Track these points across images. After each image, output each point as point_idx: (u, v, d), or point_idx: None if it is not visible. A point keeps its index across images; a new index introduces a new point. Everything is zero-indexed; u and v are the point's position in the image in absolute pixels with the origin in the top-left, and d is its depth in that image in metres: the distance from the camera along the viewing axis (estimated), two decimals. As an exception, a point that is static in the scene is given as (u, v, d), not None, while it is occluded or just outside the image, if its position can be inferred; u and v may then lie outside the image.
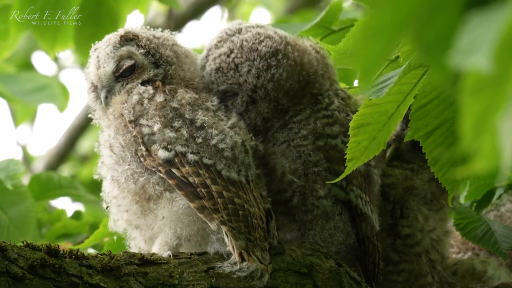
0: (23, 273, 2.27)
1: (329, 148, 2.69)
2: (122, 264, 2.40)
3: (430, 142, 2.50)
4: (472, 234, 2.96)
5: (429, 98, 2.46)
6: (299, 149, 2.68)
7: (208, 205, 2.45)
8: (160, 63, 2.69)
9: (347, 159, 2.47)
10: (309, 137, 2.69)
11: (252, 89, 2.69)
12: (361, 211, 2.72)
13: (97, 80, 2.70)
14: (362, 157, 2.46)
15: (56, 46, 4.09)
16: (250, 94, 2.69)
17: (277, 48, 2.70)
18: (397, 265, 2.90)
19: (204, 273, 2.45)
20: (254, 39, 2.71)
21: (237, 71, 2.69)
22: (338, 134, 2.69)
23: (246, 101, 2.70)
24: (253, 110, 2.70)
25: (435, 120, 2.47)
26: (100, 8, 4.10)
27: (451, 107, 2.45)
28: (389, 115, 2.41)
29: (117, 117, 2.60)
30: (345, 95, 2.80)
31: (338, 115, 2.72)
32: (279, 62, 2.69)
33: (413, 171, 2.96)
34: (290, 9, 7.25)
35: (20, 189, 3.35)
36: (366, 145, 2.44)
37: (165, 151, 2.51)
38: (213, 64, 2.72)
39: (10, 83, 4.67)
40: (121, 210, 2.59)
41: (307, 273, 2.57)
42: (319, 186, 2.68)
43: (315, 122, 2.70)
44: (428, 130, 2.48)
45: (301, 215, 2.69)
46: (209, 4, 6.81)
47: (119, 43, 2.70)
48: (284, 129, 2.71)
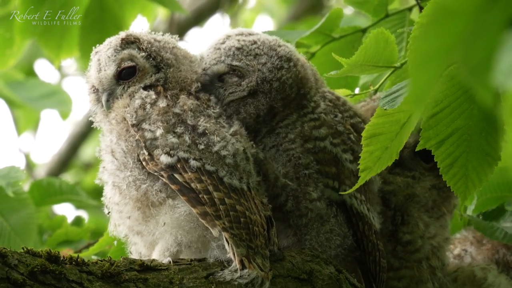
0: (24, 279, 2.27)
1: (318, 150, 2.70)
2: (122, 270, 2.40)
3: (442, 151, 2.49)
4: (494, 235, 3.00)
5: (440, 106, 2.46)
6: (288, 152, 2.69)
7: (210, 212, 2.45)
8: (161, 66, 2.69)
9: (360, 170, 2.47)
10: (297, 140, 2.70)
11: (261, 79, 2.72)
12: (357, 210, 2.72)
13: (98, 83, 2.70)
14: (375, 167, 2.46)
15: (61, 54, 4.11)
16: (257, 82, 2.72)
17: (291, 56, 2.77)
18: (397, 271, 2.90)
19: (204, 279, 2.45)
20: (275, 41, 2.80)
21: (255, 59, 2.74)
22: (326, 136, 2.71)
23: (251, 87, 2.72)
24: (252, 103, 2.72)
25: (447, 129, 2.47)
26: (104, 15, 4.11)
27: (462, 115, 2.45)
28: (401, 124, 2.41)
29: (120, 122, 2.60)
30: (333, 97, 2.82)
31: (325, 117, 2.74)
32: (289, 68, 2.75)
33: (414, 179, 2.96)
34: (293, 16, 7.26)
35: (21, 196, 3.36)
36: (379, 155, 2.44)
37: (168, 156, 2.52)
38: (236, 42, 2.76)
39: (19, 89, 4.70)
40: (123, 217, 2.59)
41: (307, 279, 2.57)
42: (311, 188, 2.68)
43: (302, 125, 2.73)
44: (440, 139, 2.48)
45: (296, 220, 2.69)
46: (212, 11, 6.83)
47: (120, 46, 2.70)
48: (272, 134, 2.73)
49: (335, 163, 2.67)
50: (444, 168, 2.51)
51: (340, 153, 2.71)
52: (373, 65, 2.60)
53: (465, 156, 2.48)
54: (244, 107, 2.73)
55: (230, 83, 2.74)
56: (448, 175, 2.51)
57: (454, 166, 2.49)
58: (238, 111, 2.72)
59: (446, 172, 2.51)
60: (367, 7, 3.32)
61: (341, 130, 2.74)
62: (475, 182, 2.52)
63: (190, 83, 2.71)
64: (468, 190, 2.53)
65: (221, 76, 2.75)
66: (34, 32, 4.05)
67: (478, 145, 2.46)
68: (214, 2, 6.77)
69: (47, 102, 4.72)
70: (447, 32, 1.43)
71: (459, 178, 2.51)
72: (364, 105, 3.01)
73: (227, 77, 2.75)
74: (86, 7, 4.09)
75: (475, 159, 2.47)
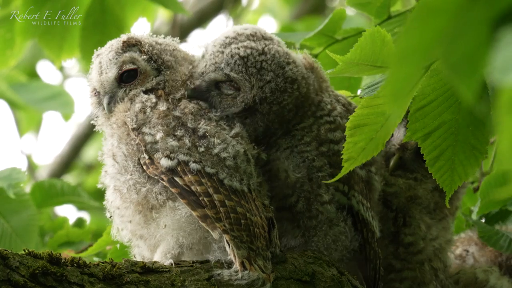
0: (25, 281, 2.27)
1: (332, 153, 2.69)
2: (124, 272, 2.40)
3: (428, 143, 2.50)
4: (498, 245, 2.99)
5: (428, 100, 2.47)
6: (303, 154, 2.68)
7: (210, 214, 2.45)
8: (162, 69, 2.69)
9: (344, 159, 2.47)
10: (312, 143, 2.69)
11: (261, 98, 2.66)
12: (363, 217, 2.72)
13: (100, 86, 2.70)
14: (359, 157, 2.46)
15: (62, 55, 4.11)
16: (255, 101, 2.67)
17: (297, 78, 2.70)
18: (399, 273, 2.89)
19: (206, 281, 2.44)
20: (285, 57, 2.70)
21: (258, 73, 2.66)
22: (340, 139, 2.68)
23: (246, 104, 2.66)
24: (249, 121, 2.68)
25: (434, 122, 2.48)
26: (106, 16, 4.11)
27: (450, 109, 2.46)
28: (386, 116, 2.41)
29: (120, 126, 2.60)
30: (345, 101, 2.81)
31: (340, 121, 2.73)
32: (293, 92, 2.69)
33: (416, 181, 2.96)
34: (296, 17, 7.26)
35: (22, 197, 3.35)
36: (363, 145, 2.44)
37: (168, 159, 2.51)
38: (242, 50, 2.66)
39: (22, 91, 4.71)
40: (124, 221, 2.59)
41: (309, 281, 2.57)
42: (323, 191, 2.68)
43: (318, 129, 2.71)
44: (426, 131, 2.49)
45: (306, 221, 2.69)
46: (214, 13, 6.82)
47: (121, 49, 2.70)
48: (287, 136, 2.71)
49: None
50: (430, 160, 2.52)
51: None
52: (371, 65, 2.59)
53: (451, 149, 2.49)
54: (242, 122, 2.68)
55: (226, 94, 2.67)
56: (434, 168, 2.52)
57: (440, 159, 2.51)
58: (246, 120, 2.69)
59: (432, 165, 2.52)
60: (369, 9, 3.31)
61: None
62: (461, 175, 2.53)
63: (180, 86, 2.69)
64: (454, 182, 2.54)
65: (218, 84, 2.69)
66: (35, 32, 4.05)
67: (465, 138, 2.47)
68: (217, 4, 6.77)
69: (51, 104, 4.74)
70: (429, 29, 1.45)
71: (445, 171, 2.52)
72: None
73: (224, 87, 2.68)
74: (87, 8, 4.09)
75: (462, 153, 2.49)
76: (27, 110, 5.40)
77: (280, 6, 8.13)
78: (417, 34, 1.45)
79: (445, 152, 2.49)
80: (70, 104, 4.77)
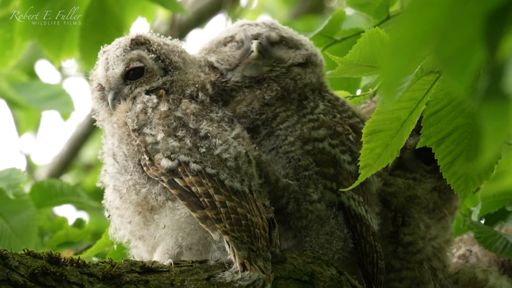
0: (24, 281, 2.27)
1: (317, 151, 2.70)
2: (123, 272, 2.40)
3: (442, 148, 2.50)
4: (493, 246, 2.97)
5: (441, 104, 2.46)
6: (288, 155, 2.69)
7: (210, 215, 2.45)
8: (169, 69, 2.69)
9: (360, 167, 2.47)
10: (296, 143, 2.70)
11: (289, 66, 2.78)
12: (355, 212, 2.72)
13: (105, 81, 2.70)
14: (376, 164, 2.46)
15: (61, 55, 4.11)
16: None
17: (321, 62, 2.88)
18: (398, 273, 2.90)
19: (205, 281, 2.45)
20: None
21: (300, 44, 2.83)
22: (325, 137, 2.70)
23: (306, 57, 2.80)
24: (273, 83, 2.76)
25: (447, 127, 2.47)
26: (105, 16, 4.11)
27: (463, 114, 2.45)
28: (401, 121, 2.41)
29: (121, 126, 2.60)
30: (331, 97, 2.82)
31: (324, 118, 2.74)
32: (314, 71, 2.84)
33: (415, 181, 2.96)
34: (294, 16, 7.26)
35: (21, 197, 3.35)
36: (379, 152, 2.44)
37: (168, 160, 2.51)
38: (274, 34, 2.81)
39: (23, 91, 4.71)
40: (124, 222, 2.59)
41: (308, 281, 2.57)
42: (311, 190, 2.68)
43: (301, 128, 2.72)
44: (440, 136, 2.49)
45: (296, 221, 2.69)
46: (213, 12, 6.82)
47: (129, 46, 2.71)
48: (271, 136, 2.72)
49: (333, 164, 2.67)
50: (444, 166, 2.51)
51: (338, 154, 2.71)
52: (370, 66, 2.60)
53: (465, 154, 2.47)
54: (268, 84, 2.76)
55: (283, 51, 2.80)
56: (448, 173, 2.52)
57: (454, 164, 2.50)
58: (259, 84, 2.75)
59: (446, 170, 2.51)
60: (368, 9, 3.31)
61: (340, 131, 2.73)
62: (475, 180, 2.52)
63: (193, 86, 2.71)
64: (469, 188, 2.53)
65: (273, 44, 2.80)
66: (34, 33, 4.04)
67: (478, 143, 2.45)
68: (215, 4, 6.77)
69: (51, 104, 4.74)
70: (422, 22, 1.45)
71: (459, 176, 2.51)
72: (365, 106, 3.01)
73: (275, 48, 2.80)
74: (86, 8, 4.09)
75: (476, 157, 2.47)
76: (27, 109, 5.41)
77: (279, 6, 8.13)
78: (410, 26, 1.45)
79: (459, 157, 2.48)
80: (71, 104, 4.77)
